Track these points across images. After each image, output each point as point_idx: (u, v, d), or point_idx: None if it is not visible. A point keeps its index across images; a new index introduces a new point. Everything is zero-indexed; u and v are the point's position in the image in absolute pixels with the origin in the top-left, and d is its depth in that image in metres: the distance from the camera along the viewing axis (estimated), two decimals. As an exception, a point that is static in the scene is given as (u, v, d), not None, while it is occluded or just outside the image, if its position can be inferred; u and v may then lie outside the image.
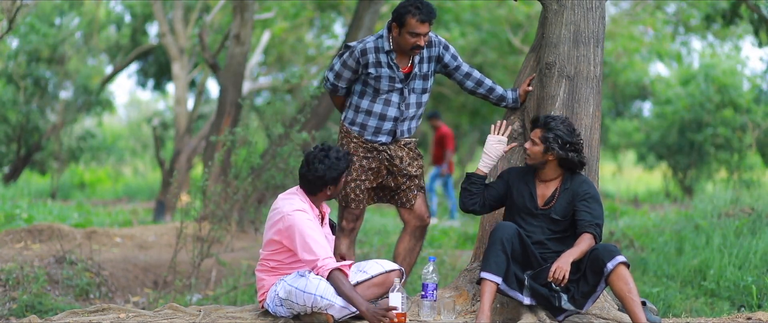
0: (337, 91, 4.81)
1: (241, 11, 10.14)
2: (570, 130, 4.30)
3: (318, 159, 4.31)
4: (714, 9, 11.39)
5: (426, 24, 4.51)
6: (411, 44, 4.56)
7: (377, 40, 4.64)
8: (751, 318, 4.54)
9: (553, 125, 4.29)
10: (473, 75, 4.80)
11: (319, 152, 4.33)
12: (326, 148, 4.36)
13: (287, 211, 4.27)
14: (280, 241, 4.32)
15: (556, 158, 4.32)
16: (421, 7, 4.48)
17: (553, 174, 4.37)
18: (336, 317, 4.19)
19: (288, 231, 4.25)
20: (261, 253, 4.45)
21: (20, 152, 16.44)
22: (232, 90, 10.29)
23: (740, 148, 15.48)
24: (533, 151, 4.33)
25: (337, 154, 4.33)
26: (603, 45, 4.74)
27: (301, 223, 4.22)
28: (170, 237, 8.98)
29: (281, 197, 4.40)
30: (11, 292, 6.23)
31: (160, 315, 4.47)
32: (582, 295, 4.20)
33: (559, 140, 4.26)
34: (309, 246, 4.20)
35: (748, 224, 7.68)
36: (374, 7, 9.37)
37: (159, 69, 19.30)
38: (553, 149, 4.27)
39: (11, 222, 9.65)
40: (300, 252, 4.23)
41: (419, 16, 4.48)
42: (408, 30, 4.52)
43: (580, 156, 4.32)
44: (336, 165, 4.31)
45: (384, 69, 4.63)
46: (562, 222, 4.32)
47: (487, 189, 4.51)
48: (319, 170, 4.29)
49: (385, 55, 4.62)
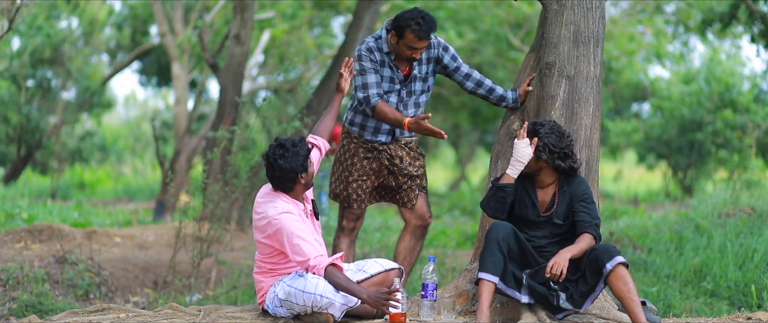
0: (369, 100, 4.59)
1: (241, 11, 10.13)
2: (559, 135, 4.29)
3: (277, 155, 4.25)
4: (712, 11, 11.38)
5: (424, 40, 4.51)
6: (407, 55, 4.57)
7: (376, 40, 4.65)
8: (751, 318, 4.54)
9: (542, 132, 4.29)
10: (473, 75, 4.80)
11: (275, 149, 4.28)
12: (279, 143, 4.30)
13: (272, 215, 4.24)
14: (271, 245, 4.31)
15: (549, 165, 4.32)
16: (421, 24, 4.46)
17: (550, 179, 4.38)
18: (336, 316, 4.19)
19: (277, 235, 4.24)
20: (256, 256, 4.45)
21: (20, 152, 16.44)
22: (232, 90, 10.29)
23: (740, 148, 15.47)
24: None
25: (292, 143, 4.28)
26: (603, 45, 4.74)
27: (288, 225, 4.20)
28: (170, 237, 8.98)
29: (261, 200, 4.33)
30: (11, 292, 6.23)
31: (160, 315, 4.47)
32: (581, 295, 4.20)
33: (547, 148, 4.27)
34: (299, 248, 4.18)
35: (748, 224, 7.68)
36: (374, 7, 9.37)
37: (159, 69, 19.30)
38: (543, 158, 4.28)
39: (11, 222, 9.65)
40: (291, 255, 4.22)
41: (419, 32, 4.48)
42: (406, 42, 4.52)
43: (570, 161, 4.31)
44: (297, 153, 4.25)
45: (385, 69, 4.64)
46: (563, 225, 4.32)
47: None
48: (283, 166, 4.24)
49: (385, 56, 4.62)
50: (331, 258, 4.22)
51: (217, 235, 7.18)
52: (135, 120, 27.90)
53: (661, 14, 16.04)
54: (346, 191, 4.80)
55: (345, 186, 4.80)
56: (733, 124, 15.23)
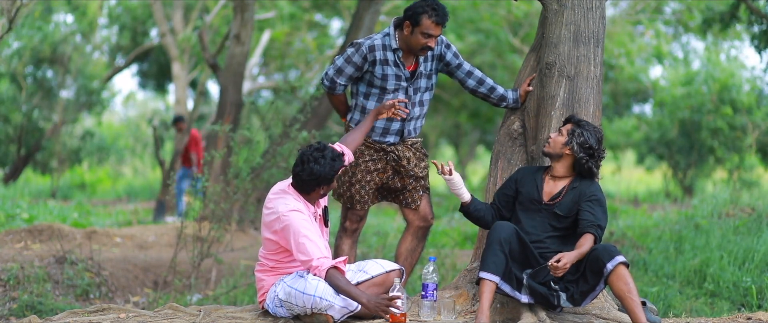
0: (334, 88, 4.73)
1: (241, 11, 10.14)
2: (598, 138, 4.34)
3: (313, 159, 4.23)
4: (712, 11, 11.38)
5: (440, 26, 4.53)
6: (421, 44, 4.55)
7: (384, 37, 4.63)
8: (751, 318, 4.54)
9: (585, 125, 4.34)
10: (475, 74, 4.81)
11: (314, 151, 4.26)
12: (321, 147, 4.28)
13: (282, 212, 4.24)
14: (277, 241, 4.31)
15: (572, 155, 4.32)
16: (437, 9, 4.49)
17: (565, 173, 4.38)
18: (336, 318, 4.18)
19: (284, 232, 4.23)
20: (260, 252, 4.45)
21: (21, 152, 16.44)
22: (232, 90, 10.29)
23: (740, 148, 15.48)
24: (556, 139, 4.36)
25: (332, 155, 4.25)
26: (603, 45, 4.74)
27: (296, 224, 4.19)
28: (170, 237, 8.98)
29: (274, 196, 4.34)
30: (11, 292, 6.23)
31: (160, 315, 4.47)
32: (581, 295, 4.21)
33: (583, 139, 4.29)
34: (304, 247, 4.17)
35: (747, 224, 7.69)
36: (374, 7, 9.37)
37: (159, 69, 19.30)
38: (571, 144, 4.29)
39: (11, 222, 9.65)
40: (295, 253, 4.21)
41: (436, 18, 4.49)
42: (422, 30, 4.52)
43: (594, 163, 4.33)
44: (331, 167, 4.24)
45: (390, 67, 4.63)
46: (564, 219, 4.32)
47: (498, 197, 4.52)
48: (315, 170, 4.22)
49: (392, 53, 4.61)
50: (333, 261, 4.22)
51: (218, 235, 7.17)
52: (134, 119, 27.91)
53: (661, 14, 16.04)
54: (349, 192, 4.80)
55: (348, 186, 4.80)
56: (733, 124, 15.24)
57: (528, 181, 4.44)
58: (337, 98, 4.81)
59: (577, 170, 4.37)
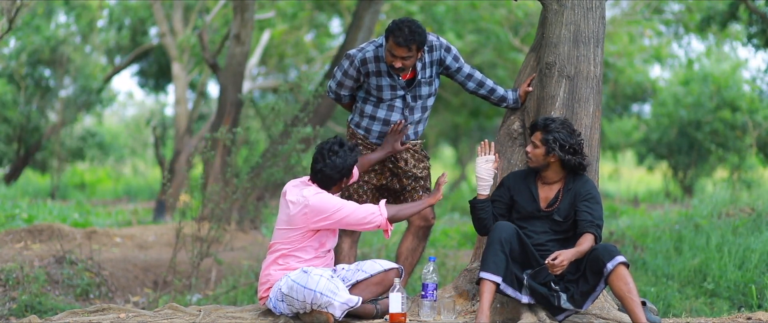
0: (340, 99, 4.84)
1: (241, 11, 10.13)
2: (570, 131, 4.31)
3: (333, 152, 4.30)
4: (712, 10, 11.38)
5: (403, 48, 4.44)
6: (388, 62, 4.53)
7: (377, 48, 4.62)
8: (751, 318, 4.54)
9: (553, 127, 4.29)
10: (475, 76, 4.80)
11: (333, 145, 4.32)
12: (338, 140, 4.36)
13: (309, 195, 4.26)
14: (302, 227, 4.29)
15: (558, 160, 4.32)
16: (402, 31, 4.40)
17: (556, 177, 4.38)
18: (336, 315, 4.18)
19: (322, 212, 4.24)
20: (273, 246, 4.39)
21: (20, 152, 16.44)
22: (232, 90, 10.29)
23: (740, 148, 15.48)
24: (535, 153, 4.34)
25: (349, 145, 4.36)
26: (603, 45, 4.74)
27: (330, 199, 4.26)
28: (170, 237, 8.98)
29: (296, 189, 4.35)
30: (11, 292, 6.23)
31: (160, 315, 4.47)
32: (581, 295, 4.20)
33: (559, 142, 4.27)
34: (356, 213, 4.26)
35: (747, 224, 7.69)
36: (374, 7, 9.37)
37: (159, 69, 19.29)
38: (554, 151, 4.28)
39: (11, 222, 9.65)
40: (349, 221, 4.27)
41: (396, 39, 4.42)
42: (388, 48, 4.51)
43: (580, 157, 4.32)
44: (350, 157, 4.33)
45: (384, 78, 4.63)
46: (564, 223, 4.32)
47: (493, 205, 4.49)
48: (337, 163, 4.29)
49: (384, 64, 4.60)
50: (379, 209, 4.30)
51: (217, 235, 7.18)
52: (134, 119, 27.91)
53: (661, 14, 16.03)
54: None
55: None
56: (733, 124, 15.24)
57: (522, 189, 4.41)
58: (346, 105, 4.93)
59: (567, 169, 4.37)
